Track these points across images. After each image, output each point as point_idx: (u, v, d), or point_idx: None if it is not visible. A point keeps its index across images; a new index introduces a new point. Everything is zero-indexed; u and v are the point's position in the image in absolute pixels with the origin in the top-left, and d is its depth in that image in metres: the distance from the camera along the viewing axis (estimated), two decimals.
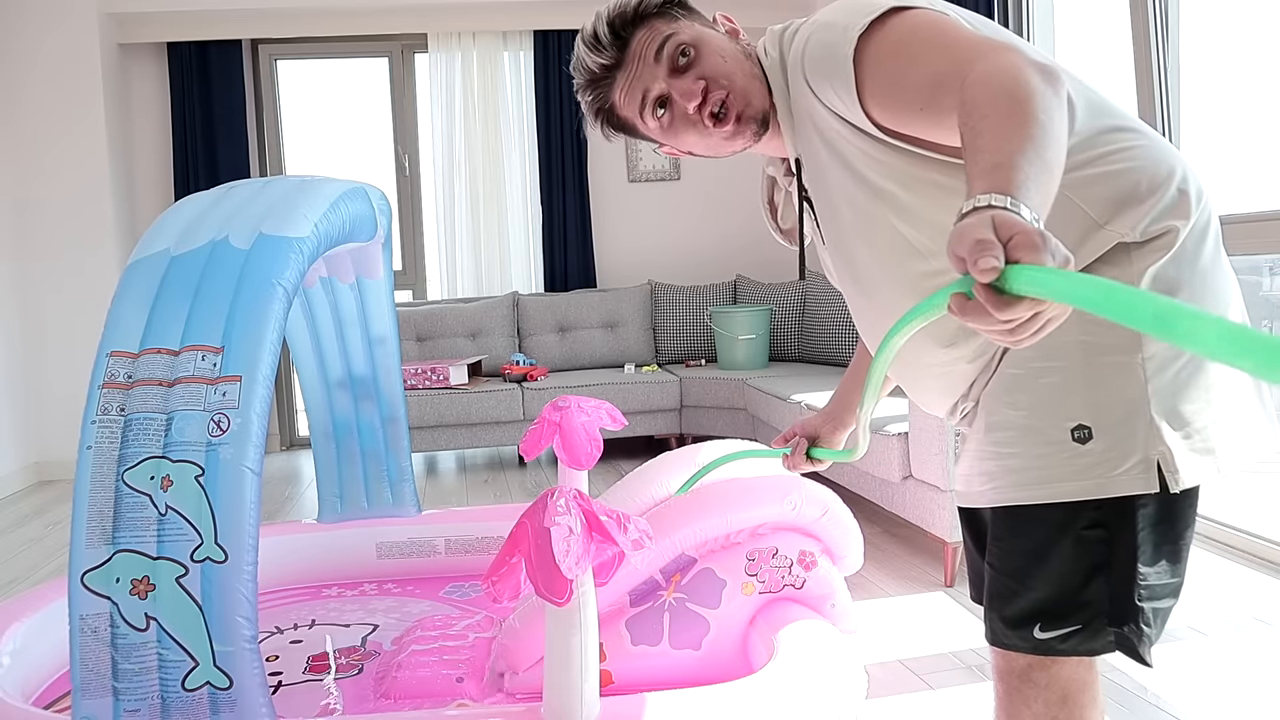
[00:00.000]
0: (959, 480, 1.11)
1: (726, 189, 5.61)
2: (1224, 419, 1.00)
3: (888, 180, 1.04)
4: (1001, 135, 0.76)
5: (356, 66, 5.75)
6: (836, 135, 1.06)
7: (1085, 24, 3.82)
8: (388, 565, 2.76)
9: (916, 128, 0.98)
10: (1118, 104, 1.06)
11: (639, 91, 1.15)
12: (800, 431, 1.43)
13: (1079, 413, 0.98)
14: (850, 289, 1.17)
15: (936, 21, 0.97)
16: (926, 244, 1.03)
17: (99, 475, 1.55)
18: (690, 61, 1.12)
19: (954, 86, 0.87)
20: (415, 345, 5.02)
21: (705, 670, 1.94)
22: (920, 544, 3.12)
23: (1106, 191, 0.98)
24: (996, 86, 0.81)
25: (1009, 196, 0.68)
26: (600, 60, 1.16)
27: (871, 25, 0.97)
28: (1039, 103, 0.79)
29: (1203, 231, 1.01)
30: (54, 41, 4.81)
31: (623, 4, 1.16)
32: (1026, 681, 1.03)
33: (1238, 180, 3.16)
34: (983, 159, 0.74)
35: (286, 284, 1.72)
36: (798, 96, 1.09)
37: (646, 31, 1.15)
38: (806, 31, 1.07)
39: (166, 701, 1.46)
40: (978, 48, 0.90)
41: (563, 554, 1.30)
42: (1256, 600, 2.54)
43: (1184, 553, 1.02)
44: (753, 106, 1.12)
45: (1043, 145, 0.75)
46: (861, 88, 0.98)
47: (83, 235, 4.88)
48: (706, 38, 1.14)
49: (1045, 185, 0.73)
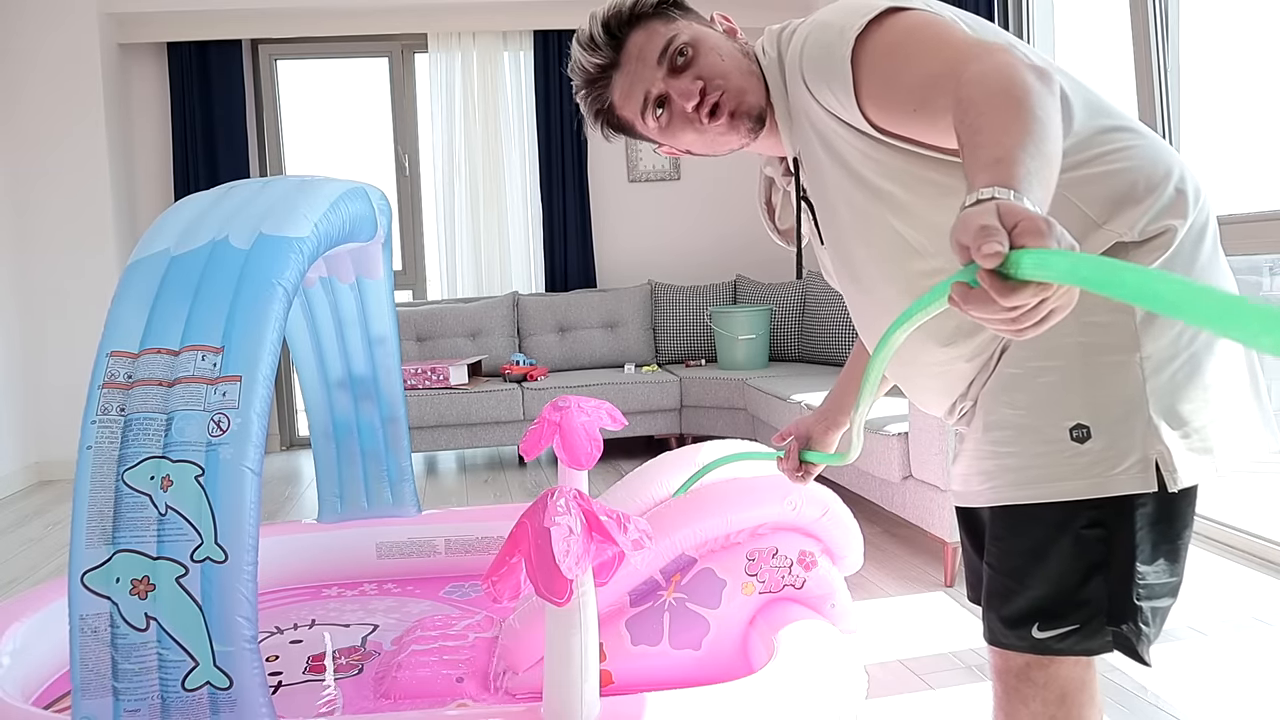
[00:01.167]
0: (956, 480, 1.11)
1: (726, 189, 5.61)
2: (1222, 419, 1.00)
3: (886, 179, 1.04)
4: (1000, 130, 0.76)
5: (356, 66, 5.75)
6: (834, 135, 1.06)
7: (1085, 24, 3.82)
8: (388, 565, 2.76)
9: (911, 129, 0.98)
10: (1115, 104, 1.06)
11: (638, 92, 1.16)
12: (794, 433, 1.43)
13: (1077, 412, 0.98)
14: (849, 288, 1.17)
15: (932, 23, 0.97)
16: (924, 243, 1.03)
17: (99, 475, 1.55)
18: (688, 61, 1.13)
19: (948, 87, 0.87)
20: (415, 345, 5.02)
21: (705, 670, 1.94)
22: (920, 544, 3.12)
23: (1104, 191, 0.99)
24: (992, 85, 0.82)
25: (1011, 189, 0.69)
26: (596, 61, 1.17)
27: (868, 26, 0.98)
28: (1035, 99, 0.79)
29: (1200, 231, 1.01)
30: (54, 41, 4.81)
31: (618, 5, 1.16)
32: (1024, 681, 1.03)
33: (1237, 180, 3.16)
34: (983, 154, 0.75)
35: (286, 284, 1.72)
36: (795, 96, 1.09)
37: (643, 32, 1.15)
38: (804, 32, 1.07)
39: (166, 701, 1.47)
40: (971, 49, 0.90)
41: (563, 554, 1.30)
42: (1256, 600, 2.54)
43: (1182, 552, 1.02)
44: (747, 103, 1.13)
45: (1041, 140, 0.75)
46: (858, 89, 0.98)
47: (83, 235, 4.88)
48: (704, 37, 1.15)
49: (1046, 179, 0.74)
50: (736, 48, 1.16)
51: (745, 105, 1.13)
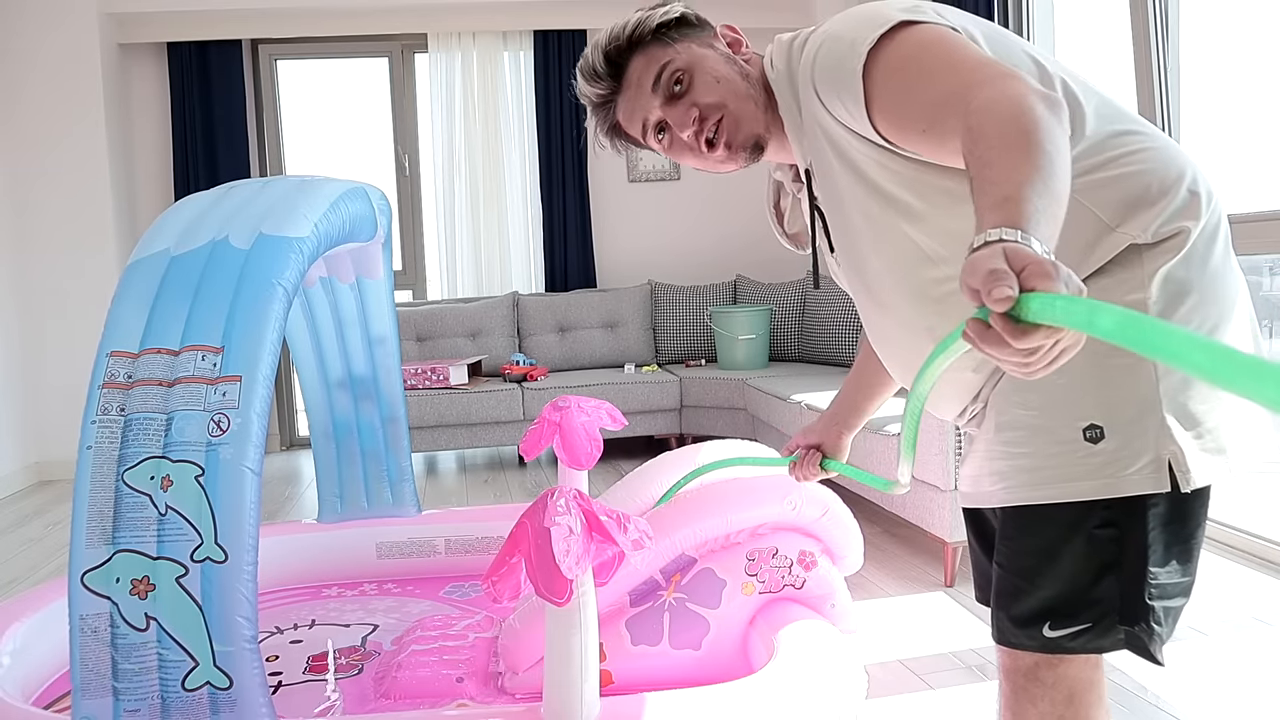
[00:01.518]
0: (965, 482, 1.11)
1: (726, 189, 5.61)
2: (1235, 419, 1.00)
3: (900, 188, 1.04)
4: (1010, 166, 0.77)
5: (356, 66, 5.75)
6: (848, 144, 1.06)
7: (1085, 24, 3.82)
8: (388, 565, 2.76)
9: (920, 147, 0.98)
10: (1126, 107, 1.06)
11: (638, 119, 1.19)
12: (802, 442, 1.43)
13: (1091, 412, 0.98)
14: (861, 297, 1.18)
15: (944, 39, 0.97)
16: (938, 250, 1.04)
17: (99, 475, 1.55)
18: (684, 89, 1.14)
19: (958, 109, 0.88)
20: (415, 345, 5.02)
21: (705, 670, 1.94)
22: (920, 544, 3.12)
23: (1118, 195, 0.99)
24: (1002, 115, 0.82)
25: (1019, 230, 0.70)
26: (599, 91, 1.20)
27: (881, 39, 0.98)
28: (1045, 133, 0.80)
29: (1213, 232, 1.02)
30: (54, 41, 4.81)
31: (617, 32, 1.17)
32: (1033, 680, 1.03)
33: (1237, 180, 3.16)
34: (992, 191, 0.76)
35: (286, 284, 1.72)
36: (808, 107, 1.09)
37: (641, 58, 1.16)
38: (816, 42, 1.07)
39: (166, 701, 1.46)
40: (983, 70, 0.91)
41: (563, 554, 1.30)
42: (1256, 600, 2.54)
43: (1195, 552, 1.02)
44: (743, 133, 1.14)
45: (1050, 176, 0.76)
46: (869, 103, 0.99)
47: (82, 235, 4.88)
48: (700, 62, 1.15)
49: (1054, 216, 0.75)
50: (736, 69, 1.16)
51: (742, 136, 1.14)
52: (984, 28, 1.05)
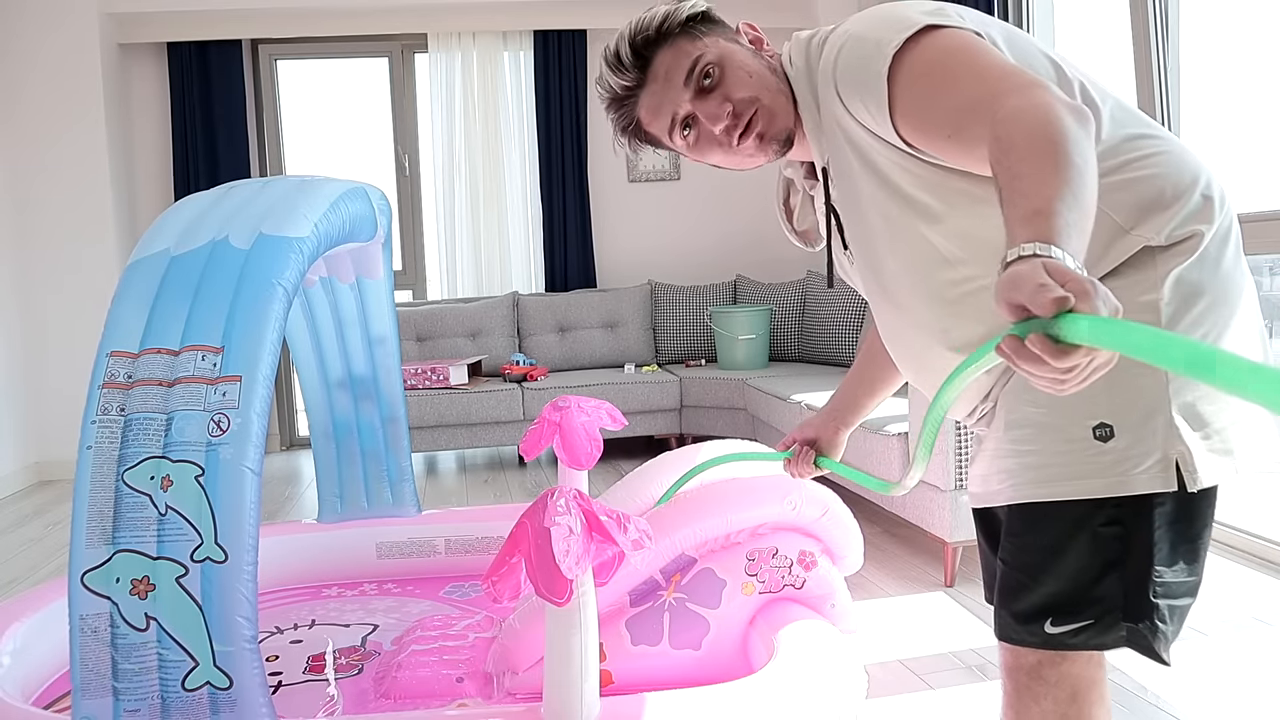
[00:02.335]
0: (974, 482, 1.11)
1: (726, 189, 5.61)
2: (1243, 421, 1.00)
3: (920, 190, 1.04)
4: (1040, 179, 0.77)
5: (356, 66, 5.75)
6: (868, 146, 1.06)
7: (1085, 24, 3.82)
8: (388, 565, 2.76)
9: (944, 153, 0.98)
10: (1140, 110, 1.06)
11: (666, 113, 1.15)
12: (799, 437, 1.43)
13: (1100, 411, 0.98)
14: (876, 297, 1.17)
15: (969, 45, 0.97)
16: (955, 252, 1.04)
17: (99, 475, 1.55)
18: (715, 82, 1.12)
19: (984, 117, 0.88)
20: (415, 345, 5.02)
21: (705, 670, 1.94)
22: (920, 544, 3.12)
23: (1132, 198, 0.99)
24: (1030, 125, 0.82)
25: (1052, 245, 0.70)
26: (623, 81, 1.16)
27: (906, 43, 0.97)
28: (1073, 145, 0.80)
29: (1225, 235, 1.03)
30: (54, 41, 4.81)
31: (645, 23, 1.14)
32: (1036, 678, 1.03)
33: (1237, 180, 3.16)
34: (1023, 203, 0.76)
35: (286, 284, 1.72)
36: (828, 106, 1.09)
37: (669, 51, 1.14)
38: (837, 42, 1.06)
39: (166, 701, 1.46)
40: (1009, 79, 0.91)
41: (563, 554, 1.30)
42: (1256, 600, 2.54)
43: (1201, 552, 1.02)
44: (776, 126, 1.13)
45: (1079, 189, 0.77)
46: (893, 107, 0.99)
47: (83, 235, 4.88)
48: (730, 55, 1.13)
49: (1083, 230, 0.75)
50: (764, 64, 1.15)
51: (775, 128, 1.13)
52: (1003, 30, 1.05)
